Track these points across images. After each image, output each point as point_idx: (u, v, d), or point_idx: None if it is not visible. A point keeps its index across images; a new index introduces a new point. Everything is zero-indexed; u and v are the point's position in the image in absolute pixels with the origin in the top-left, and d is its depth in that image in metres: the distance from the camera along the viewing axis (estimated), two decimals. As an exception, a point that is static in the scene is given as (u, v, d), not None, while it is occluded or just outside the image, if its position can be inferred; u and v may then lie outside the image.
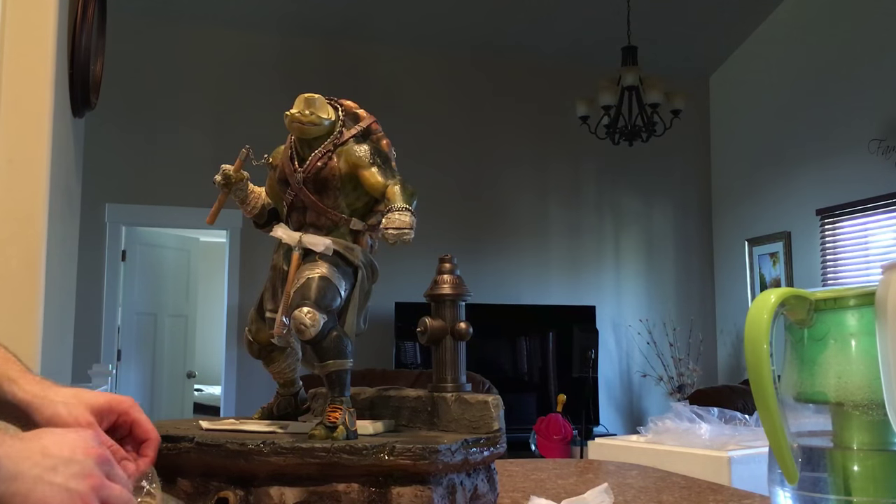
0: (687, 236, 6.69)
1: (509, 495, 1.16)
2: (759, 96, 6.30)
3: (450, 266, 1.09)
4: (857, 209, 5.37)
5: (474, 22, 5.89)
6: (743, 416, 2.55)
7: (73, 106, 2.24)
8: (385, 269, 1.12)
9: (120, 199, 5.42)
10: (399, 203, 0.96)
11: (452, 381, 1.06)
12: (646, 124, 5.01)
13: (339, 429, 0.91)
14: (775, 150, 6.08)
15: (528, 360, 6.16)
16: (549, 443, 4.59)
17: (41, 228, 1.79)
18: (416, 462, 0.86)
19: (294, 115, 0.99)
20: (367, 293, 1.05)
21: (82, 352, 4.42)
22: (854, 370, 0.71)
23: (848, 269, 5.52)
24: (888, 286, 0.68)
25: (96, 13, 2.19)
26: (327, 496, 0.87)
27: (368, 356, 5.11)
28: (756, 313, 0.72)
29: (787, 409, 0.74)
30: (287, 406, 1.12)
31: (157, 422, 1.07)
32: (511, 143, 6.26)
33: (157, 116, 5.58)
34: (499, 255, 6.11)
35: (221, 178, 1.06)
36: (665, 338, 6.26)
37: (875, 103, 5.25)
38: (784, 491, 0.74)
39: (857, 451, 0.71)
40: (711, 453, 2.24)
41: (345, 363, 0.97)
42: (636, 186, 6.54)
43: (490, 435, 0.97)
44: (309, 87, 1.27)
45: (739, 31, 6.35)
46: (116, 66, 4.59)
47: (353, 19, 5.79)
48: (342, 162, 1.01)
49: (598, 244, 6.44)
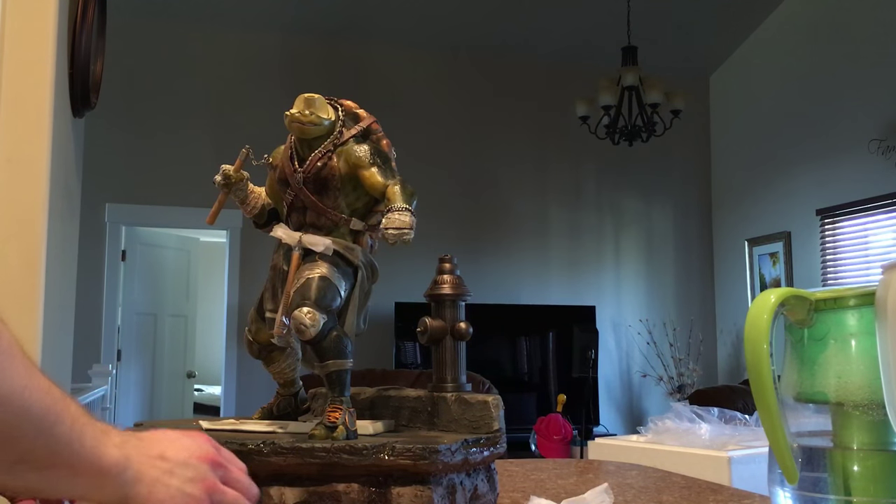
0: (687, 236, 6.69)
1: (509, 495, 1.16)
2: (759, 96, 6.30)
3: (450, 266, 1.09)
4: (857, 209, 5.37)
5: (474, 22, 5.89)
6: (743, 416, 2.55)
7: (73, 106, 2.24)
8: (385, 269, 1.12)
9: (120, 199, 5.42)
10: (399, 203, 0.96)
11: (452, 381, 1.06)
12: (646, 124, 5.01)
13: (339, 429, 0.91)
14: (775, 150, 6.08)
15: (528, 360, 6.16)
16: (549, 443, 4.59)
17: (41, 228, 1.79)
18: (416, 462, 0.86)
19: (294, 115, 0.99)
20: (367, 293, 1.05)
21: (82, 352, 4.42)
22: (854, 370, 0.71)
23: (848, 269, 5.52)
24: (888, 286, 0.68)
25: (96, 13, 2.19)
26: (327, 496, 0.87)
27: (368, 356, 5.11)
28: (756, 313, 0.72)
29: (787, 409, 0.74)
30: (287, 406, 1.12)
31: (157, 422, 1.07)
32: (511, 143, 6.26)
33: (157, 116, 5.57)
34: (499, 255, 6.11)
35: (221, 178, 1.06)
36: (665, 338, 6.26)
37: (875, 103, 5.25)
38: (784, 491, 0.74)
39: (857, 451, 0.71)
40: (711, 453, 2.24)
41: (345, 363, 0.97)
42: (636, 186, 6.54)
43: (490, 435, 0.97)
44: (309, 87, 1.27)
45: (739, 31, 6.35)
46: (116, 66, 4.59)
47: (354, 19, 5.79)
48: (342, 162, 1.01)
49: (598, 244, 6.44)
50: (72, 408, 0.62)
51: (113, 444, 0.65)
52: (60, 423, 0.61)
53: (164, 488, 0.67)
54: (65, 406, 0.62)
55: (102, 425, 0.66)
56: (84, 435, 0.63)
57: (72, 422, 0.62)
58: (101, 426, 0.66)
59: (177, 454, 0.69)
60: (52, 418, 0.60)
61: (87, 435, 0.63)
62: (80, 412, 0.63)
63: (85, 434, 0.63)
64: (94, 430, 0.64)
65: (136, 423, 1.04)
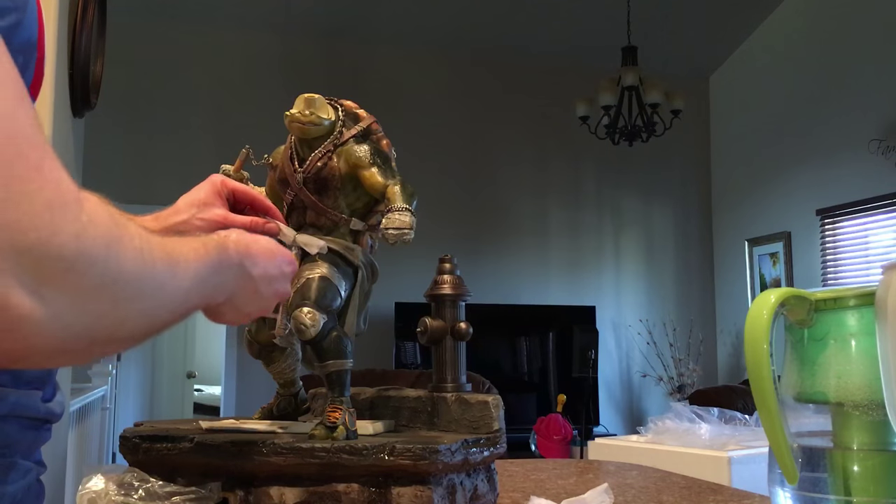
0: (687, 236, 6.69)
1: (509, 495, 1.16)
2: (759, 96, 6.30)
3: (450, 266, 1.09)
4: (857, 209, 5.37)
5: (474, 22, 5.89)
6: (743, 416, 2.55)
7: (73, 106, 2.24)
8: (385, 269, 1.12)
9: (120, 199, 5.33)
10: (399, 203, 0.96)
11: (452, 382, 1.06)
12: (646, 124, 5.01)
13: (339, 429, 0.91)
14: (775, 150, 6.08)
15: (528, 360, 6.16)
16: (549, 443, 4.59)
17: (41, 228, 1.78)
18: (416, 462, 0.86)
19: (294, 116, 0.99)
20: (367, 293, 1.05)
21: (82, 352, 4.41)
22: (854, 370, 0.71)
23: (848, 269, 5.52)
24: (888, 286, 0.68)
25: (96, 14, 2.19)
26: (327, 496, 0.87)
27: (368, 356, 5.11)
28: (756, 313, 0.72)
29: (787, 409, 0.74)
30: (287, 406, 1.12)
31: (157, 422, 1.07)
32: (511, 143, 6.26)
33: (157, 116, 5.57)
34: (499, 255, 6.11)
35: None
36: (665, 338, 6.26)
37: (875, 103, 5.25)
38: (784, 491, 0.74)
39: (857, 451, 0.71)
40: (711, 453, 2.24)
41: (345, 363, 0.97)
42: (636, 186, 6.54)
43: (490, 435, 0.97)
44: (309, 87, 1.27)
45: (739, 31, 6.35)
46: (116, 66, 4.59)
47: (354, 19, 5.79)
48: (342, 162, 1.01)
49: (598, 244, 6.44)
50: (185, 249, 0.65)
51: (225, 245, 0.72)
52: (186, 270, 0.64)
53: (253, 294, 0.76)
54: (185, 249, 0.65)
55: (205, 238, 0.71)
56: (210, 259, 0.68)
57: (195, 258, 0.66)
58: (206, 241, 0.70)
59: (266, 260, 0.77)
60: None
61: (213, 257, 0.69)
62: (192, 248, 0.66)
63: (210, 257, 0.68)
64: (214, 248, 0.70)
65: (136, 423, 1.04)
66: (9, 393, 0.69)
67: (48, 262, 0.46)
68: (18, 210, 0.44)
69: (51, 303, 0.47)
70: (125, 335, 0.56)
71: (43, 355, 0.51)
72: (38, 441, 0.75)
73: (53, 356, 0.53)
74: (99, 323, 0.52)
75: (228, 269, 0.72)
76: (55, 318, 0.47)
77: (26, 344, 0.47)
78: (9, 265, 0.44)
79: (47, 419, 0.76)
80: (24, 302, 0.45)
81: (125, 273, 0.53)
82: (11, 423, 0.70)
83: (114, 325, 0.54)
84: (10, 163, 0.44)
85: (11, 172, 0.44)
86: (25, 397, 0.71)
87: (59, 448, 2.47)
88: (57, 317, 0.47)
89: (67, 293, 0.48)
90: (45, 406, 0.74)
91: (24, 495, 0.72)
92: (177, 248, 0.63)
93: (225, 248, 0.72)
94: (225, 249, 0.71)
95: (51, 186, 0.47)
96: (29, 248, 0.45)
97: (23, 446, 0.72)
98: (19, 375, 0.71)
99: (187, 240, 0.67)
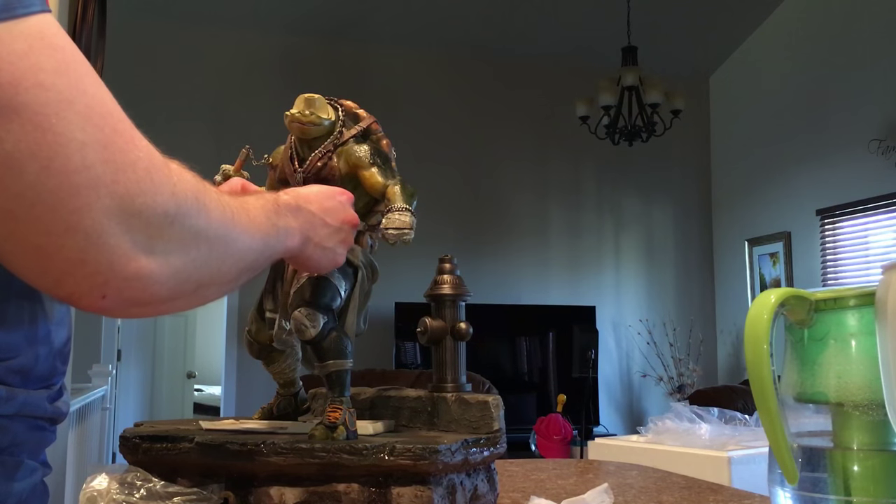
0: (687, 236, 6.69)
1: (509, 495, 1.16)
2: (759, 96, 6.30)
3: (450, 266, 1.09)
4: (857, 209, 5.37)
5: (474, 22, 5.89)
6: (743, 416, 2.55)
7: (73, 106, 2.23)
8: (385, 269, 1.12)
9: (120, 199, 5.42)
10: (399, 203, 0.96)
11: (452, 382, 1.06)
12: (646, 124, 5.01)
13: (339, 429, 0.91)
14: (775, 150, 6.08)
15: (528, 360, 6.16)
16: (549, 443, 4.59)
17: (41, 228, 1.78)
18: (416, 462, 0.86)
19: (294, 115, 0.99)
20: (367, 293, 1.05)
21: (82, 352, 4.42)
22: (854, 370, 0.71)
23: (848, 269, 5.52)
24: (888, 286, 0.68)
25: (96, 13, 2.19)
26: (327, 496, 0.87)
27: (368, 356, 5.11)
28: (756, 313, 0.72)
29: (787, 409, 0.74)
30: (287, 406, 1.12)
31: (157, 422, 1.07)
32: (511, 143, 6.26)
33: (156, 116, 5.57)
34: (499, 255, 6.11)
35: (222, 178, 1.06)
36: (665, 338, 6.26)
37: (875, 103, 5.25)
38: (784, 491, 0.74)
39: (857, 452, 0.71)
40: (711, 453, 2.24)
41: (345, 363, 0.97)
42: (636, 186, 6.54)
43: (490, 435, 0.97)
44: (309, 87, 1.27)
45: (739, 31, 6.35)
46: (116, 66, 4.59)
47: (354, 19, 5.79)
48: (342, 162, 1.01)
49: (598, 244, 6.44)
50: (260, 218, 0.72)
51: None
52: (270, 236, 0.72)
53: (320, 250, 0.83)
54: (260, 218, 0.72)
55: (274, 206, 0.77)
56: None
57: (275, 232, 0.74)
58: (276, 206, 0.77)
59: (334, 219, 0.85)
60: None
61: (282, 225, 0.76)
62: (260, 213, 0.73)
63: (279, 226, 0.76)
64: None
65: (136, 423, 1.04)
66: (18, 393, 0.69)
67: (155, 219, 0.54)
68: (127, 180, 0.52)
69: (161, 254, 0.55)
70: (224, 278, 0.65)
71: (161, 300, 0.58)
72: (44, 441, 0.76)
73: (169, 300, 0.60)
74: (201, 268, 0.60)
75: (287, 211, 0.78)
76: (167, 267, 0.56)
77: (149, 293, 0.56)
78: (123, 229, 0.52)
79: (53, 419, 0.76)
80: (141, 258, 0.54)
81: (214, 221, 0.61)
82: (19, 423, 0.70)
83: (213, 269, 0.62)
84: (111, 140, 0.51)
85: (115, 148, 0.51)
86: (33, 397, 0.72)
87: (60, 448, 2.47)
88: (168, 265, 0.56)
89: (173, 244, 0.56)
90: (52, 406, 0.75)
91: (29, 495, 0.72)
92: (239, 199, 0.69)
93: (277, 196, 0.79)
94: (278, 197, 0.78)
95: (144, 154, 0.54)
96: (139, 212, 0.53)
97: (29, 446, 0.73)
98: (28, 376, 0.71)
99: (244, 196, 0.74)
